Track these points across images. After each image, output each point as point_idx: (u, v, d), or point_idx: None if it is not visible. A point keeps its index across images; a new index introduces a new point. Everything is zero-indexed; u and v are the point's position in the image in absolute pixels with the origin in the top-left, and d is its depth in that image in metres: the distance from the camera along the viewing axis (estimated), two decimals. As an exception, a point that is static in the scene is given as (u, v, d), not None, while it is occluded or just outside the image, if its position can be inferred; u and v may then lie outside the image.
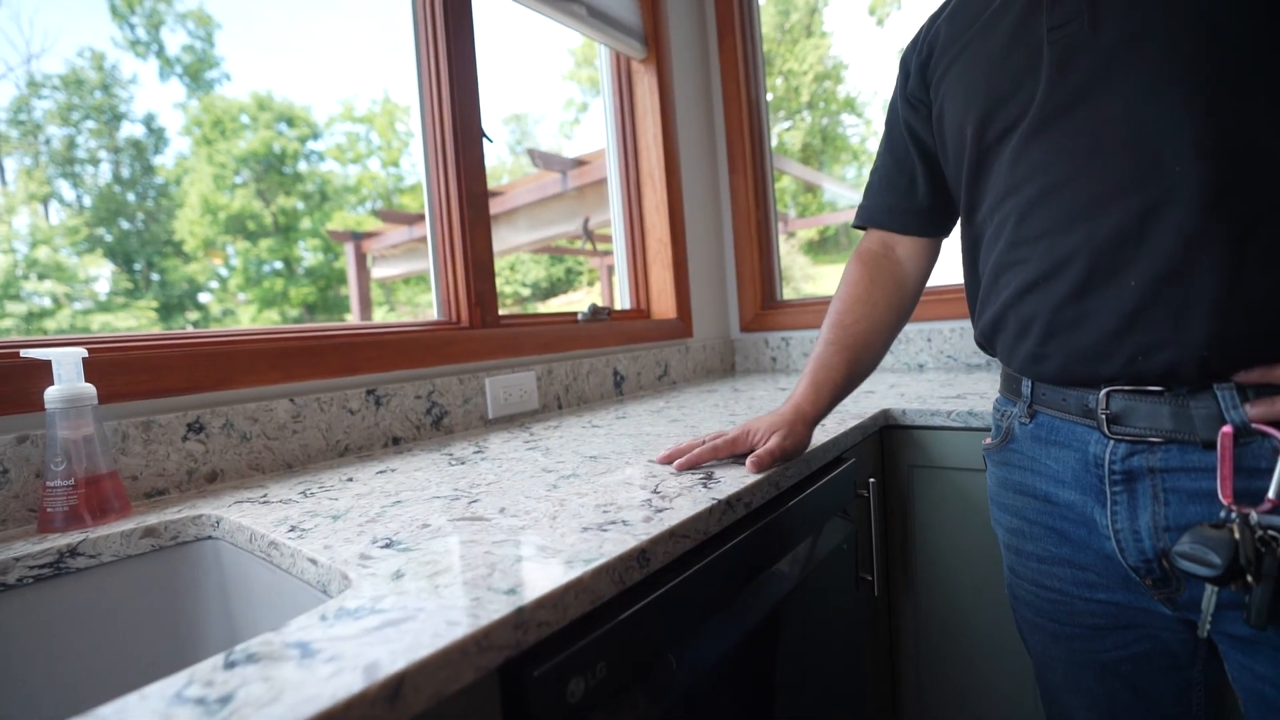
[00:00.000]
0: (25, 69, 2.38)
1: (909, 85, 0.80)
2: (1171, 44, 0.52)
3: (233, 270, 8.90)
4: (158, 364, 0.81)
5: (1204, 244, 0.51)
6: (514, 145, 6.58)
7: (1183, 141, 0.51)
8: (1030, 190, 0.61)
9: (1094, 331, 0.57)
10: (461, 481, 0.76)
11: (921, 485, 1.06)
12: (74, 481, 0.67)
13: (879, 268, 0.84)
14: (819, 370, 0.80)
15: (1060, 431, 0.64)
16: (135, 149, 5.68)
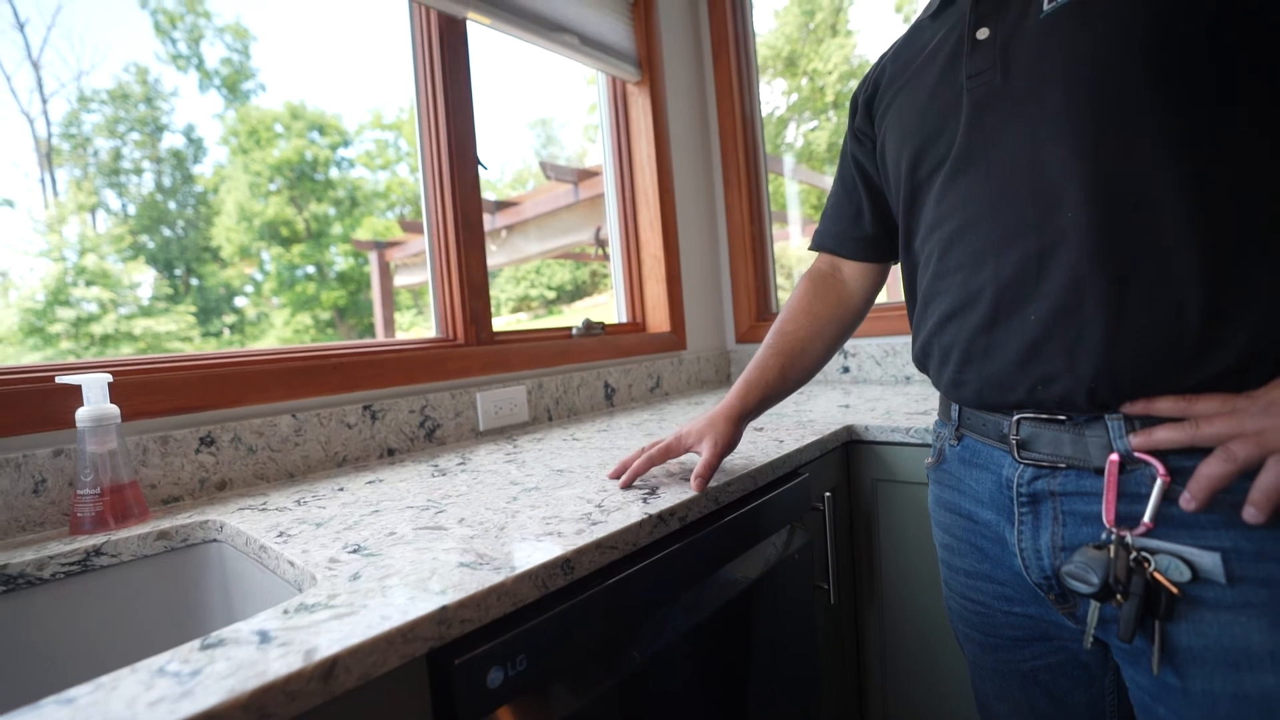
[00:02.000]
0: (76, 85, 2.54)
1: (856, 120, 0.86)
2: (1069, 94, 0.56)
3: (267, 275, 9.07)
4: (174, 385, 0.91)
5: (1091, 286, 0.55)
6: (539, 149, 6.66)
7: (1075, 189, 0.56)
8: (950, 226, 0.66)
9: (1000, 361, 0.62)
10: (436, 493, 0.84)
11: (885, 499, 1.11)
12: (100, 490, 0.78)
13: (824, 284, 0.91)
14: (753, 370, 0.87)
15: (980, 454, 0.69)
16: (176, 159, 5.83)
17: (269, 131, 9.78)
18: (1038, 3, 0.60)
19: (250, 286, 6.51)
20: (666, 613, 0.71)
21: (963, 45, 0.65)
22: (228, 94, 7.13)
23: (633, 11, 1.78)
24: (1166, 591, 0.54)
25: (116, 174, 4.50)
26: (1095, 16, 0.55)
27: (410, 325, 10.62)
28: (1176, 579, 0.54)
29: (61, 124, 2.95)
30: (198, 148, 6.34)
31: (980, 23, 0.64)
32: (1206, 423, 0.51)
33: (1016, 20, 0.61)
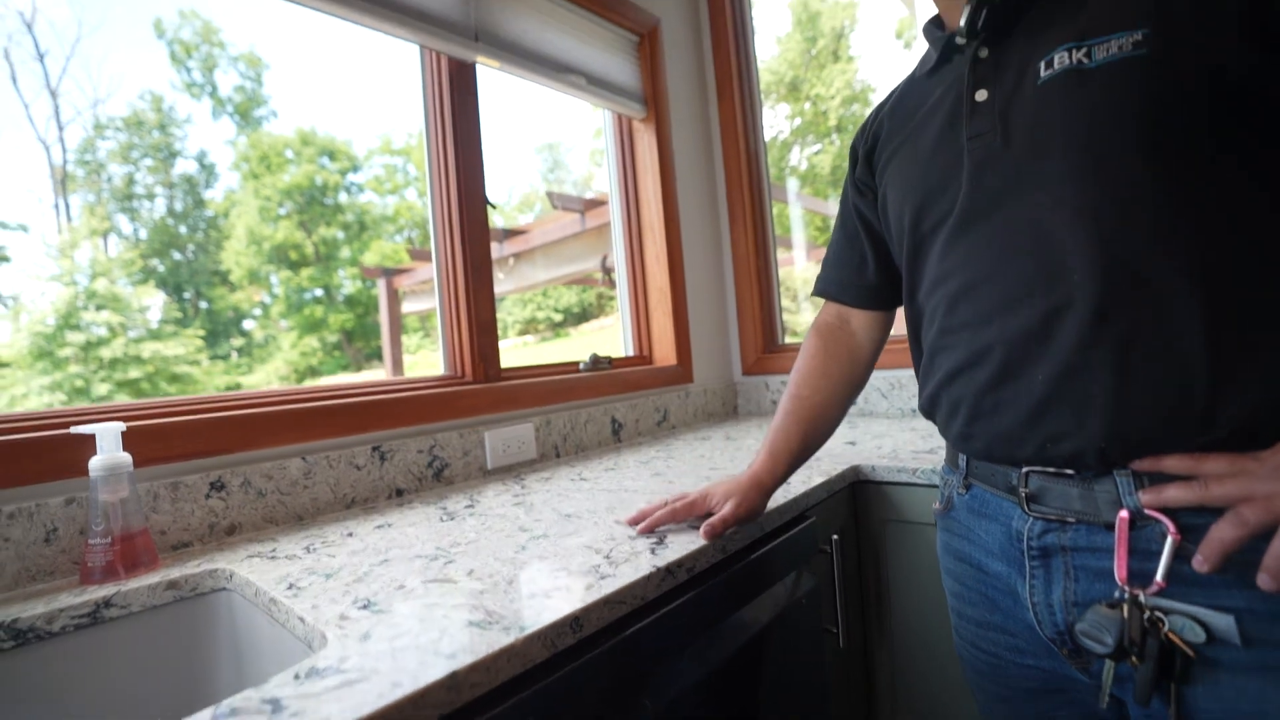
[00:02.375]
0: (92, 113, 2.60)
1: (857, 170, 0.87)
2: (1066, 169, 0.58)
3: (275, 298, 9.13)
4: (186, 431, 0.92)
5: (1097, 348, 0.56)
6: (546, 174, 6.73)
7: (1079, 255, 0.57)
8: (956, 283, 0.67)
9: (1009, 419, 0.63)
10: (445, 539, 0.84)
11: (894, 539, 1.11)
12: (111, 540, 0.78)
13: (835, 339, 0.91)
14: (777, 440, 0.87)
15: (990, 505, 0.69)
16: (188, 184, 5.92)
17: (280, 157, 9.90)
18: (1034, 69, 0.61)
19: (258, 309, 6.52)
20: (676, 663, 0.70)
21: (962, 106, 0.67)
22: (240, 120, 7.17)
23: (638, 50, 1.82)
24: (1182, 653, 0.53)
25: (129, 199, 4.56)
26: (1091, 87, 0.57)
27: (417, 348, 10.60)
28: (1192, 640, 0.53)
29: (77, 151, 3.01)
30: (209, 173, 6.39)
31: (979, 85, 0.65)
32: (1216, 483, 0.51)
33: (1014, 85, 0.62)
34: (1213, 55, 0.52)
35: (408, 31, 1.26)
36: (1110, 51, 0.56)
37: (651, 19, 1.82)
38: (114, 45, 2.14)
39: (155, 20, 3.52)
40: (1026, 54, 0.62)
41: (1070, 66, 0.58)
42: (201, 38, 5.82)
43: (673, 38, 1.91)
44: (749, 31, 2.05)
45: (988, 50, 0.66)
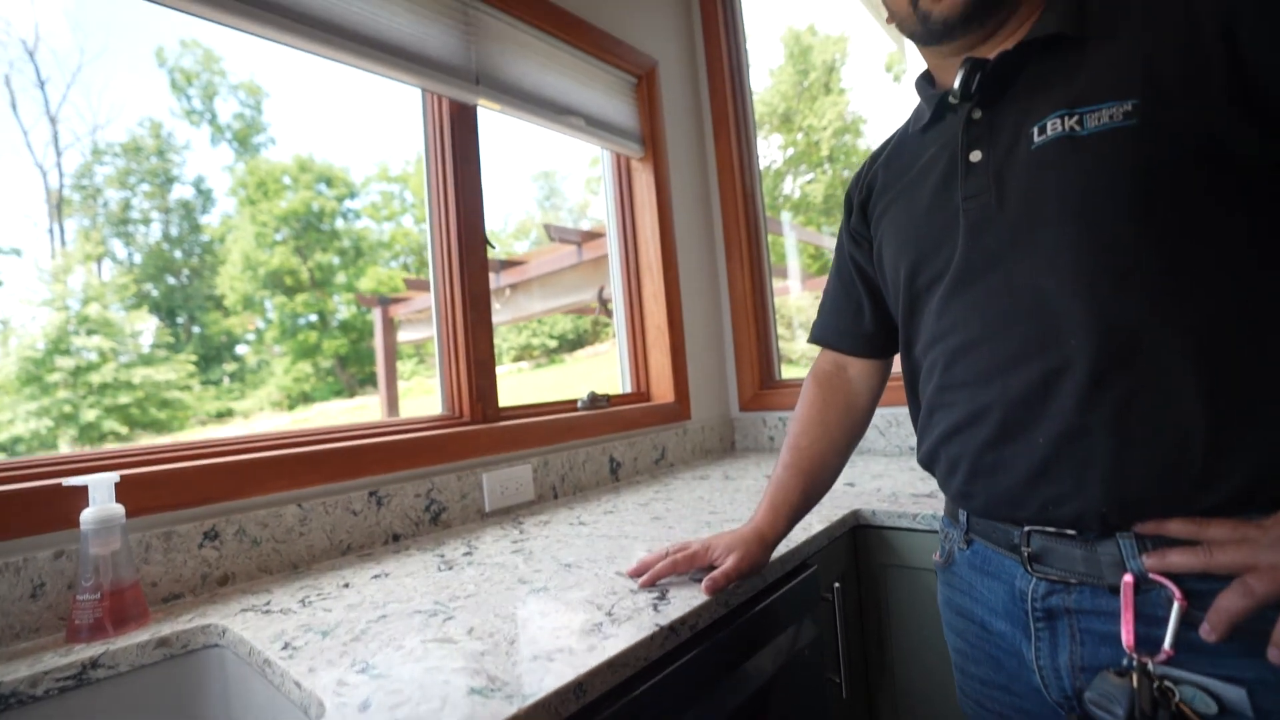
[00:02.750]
0: (91, 138, 2.62)
1: (852, 220, 0.88)
2: (1061, 234, 0.59)
3: (269, 323, 9.11)
4: (180, 479, 0.90)
5: (1097, 412, 0.56)
6: (542, 201, 6.78)
7: (1074, 319, 0.57)
8: (954, 341, 0.68)
9: (1010, 479, 0.63)
10: (443, 592, 0.83)
11: (895, 585, 1.09)
12: (100, 595, 0.76)
13: (832, 388, 0.91)
14: (777, 493, 0.86)
15: (992, 563, 0.69)
16: (184, 209, 5.94)
17: (277, 183, 9.93)
18: (1028, 134, 0.62)
19: (252, 334, 6.51)
20: (680, 727, 0.69)
21: (956, 165, 0.68)
22: (238, 147, 7.27)
23: (636, 91, 1.85)
24: None
25: (125, 224, 4.57)
26: (1084, 154, 0.57)
27: (411, 374, 10.49)
28: (1203, 711, 0.53)
29: (74, 176, 3.01)
30: (206, 198, 6.43)
31: (972, 146, 0.66)
32: (1220, 550, 0.51)
33: (1008, 147, 0.63)
34: (1201, 124, 0.54)
35: (410, 76, 1.27)
36: (1101, 120, 0.57)
37: (649, 61, 1.85)
38: (115, 73, 2.16)
39: (157, 49, 3.54)
40: (1019, 118, 0.63)
41: (1063, 133, 0.59)
42: (203, 66, 5.84)
43: (670, 78, 1.95)
44: (744, 71, 2.10)
45: (981, 111, 0.67)
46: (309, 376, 7.03)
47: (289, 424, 6.93)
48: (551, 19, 1.55)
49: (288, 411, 7.02)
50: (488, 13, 1.44)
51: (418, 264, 7.24)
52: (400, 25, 1.27)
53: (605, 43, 1.70)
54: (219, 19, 1.03)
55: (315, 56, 1.16)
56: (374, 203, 7.09)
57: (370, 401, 7.48)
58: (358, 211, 6.46)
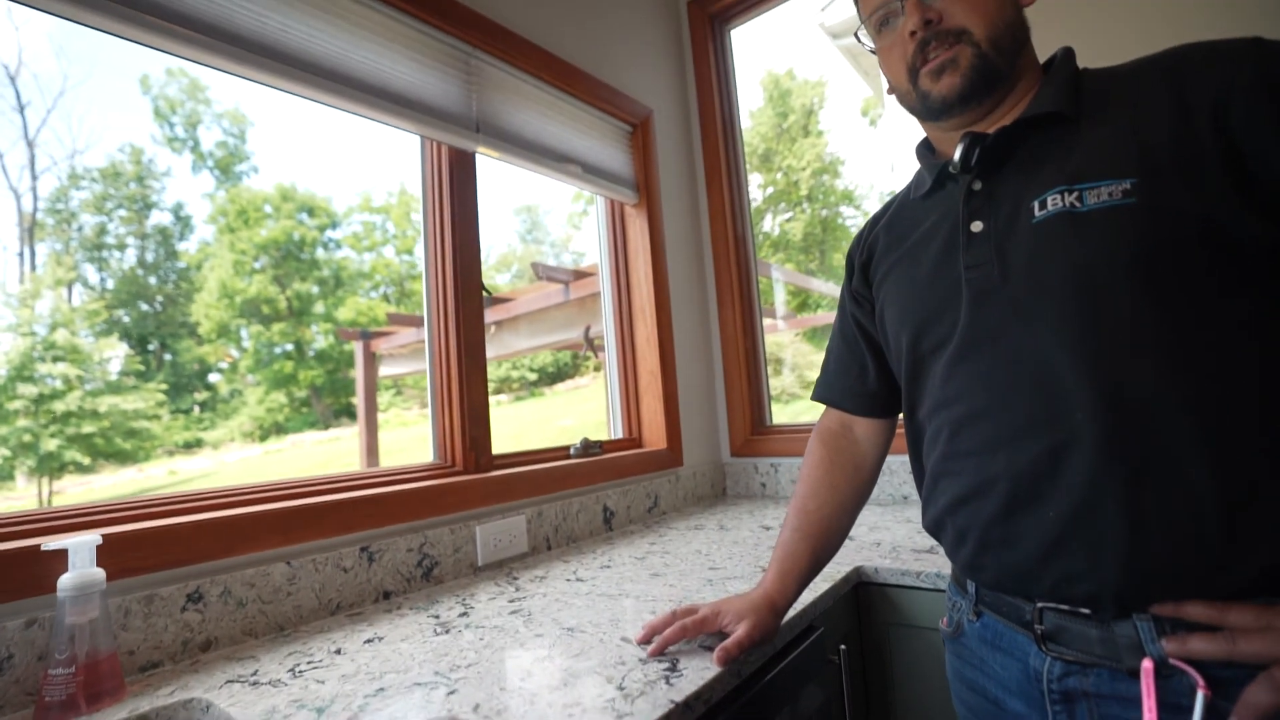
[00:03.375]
0: (69, 163, 2.58)
1: (854, 281, 0.89)
2: (1064, 306, 0.59)
3: (244, 352, 8.94)
4: (165, 537, 0.86)
5: (1108, 489, 0.56)
6: (524, 235, 6.80)
7: (1081, 392, 0.57)
8: (959, 409, 0.67)
9: (1021, 553, 0.62)
10: (443, 660, 0.79)
11: (899, 644, 1.08)
12: (74, 668, 0.71)
13: (838, 449, 0.90)
14: (786, 559, 0.84)
15: (1004, 638, 0.67)
16: (162, 236, 5.86)
17: (258, 212, 9.85)
18: (1028, 207, 0.63)
19: (225, 364, 6.38)
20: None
21: (958, 235, 0.68)
22: (220, 175, 7.23)
23: (631, 140, 1.88)
24: None
25: (99, 249, 4.49)
26: (1084, 231, 0.58)
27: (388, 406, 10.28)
28: None
29: (49, 200, 2.94)
30: (185, 225, 6.37)
31: (973, 216, 0.67)
32: (1244, 638, 0.51)
33: (1009, 220, 0.64)
34: (1198, 205, 0.55)
35: (412, 124, 1.28)
36: (1101, 197, 0.58)
37: (644, 110, 1.89)
38: (98, 99, 2.14)
39: (142, 76, 3.50)
40: (1019, 190, 0.64)
41: (1063, 209, 0.60)
42: (187, 94, 5.83)
43: (664, 127, 1.98)
44: (735, 119, 2.14)
45: (981, 183, 0.68)
46: (283, 407, 6.78)
47: (260, 454, 6.66)
48: (550, 69, 1.58)
49: (259, 443, 6.82)
50: (488, 62, 1.46)
51: (398, 295, 7.08)
52: (403, 73, 1.28)
53: (603, 92, 1.73)
54: (228, 68, 1.03)
55: (321, 105, 1.16)
56: (356, 233, 6.86)
57: (346, 433, 7.32)
58: (339, 241, 6.28)
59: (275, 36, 1.07)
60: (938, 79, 0.69)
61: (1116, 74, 0.64)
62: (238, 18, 1.03)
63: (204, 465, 5.92)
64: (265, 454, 7.10)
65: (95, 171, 3.71)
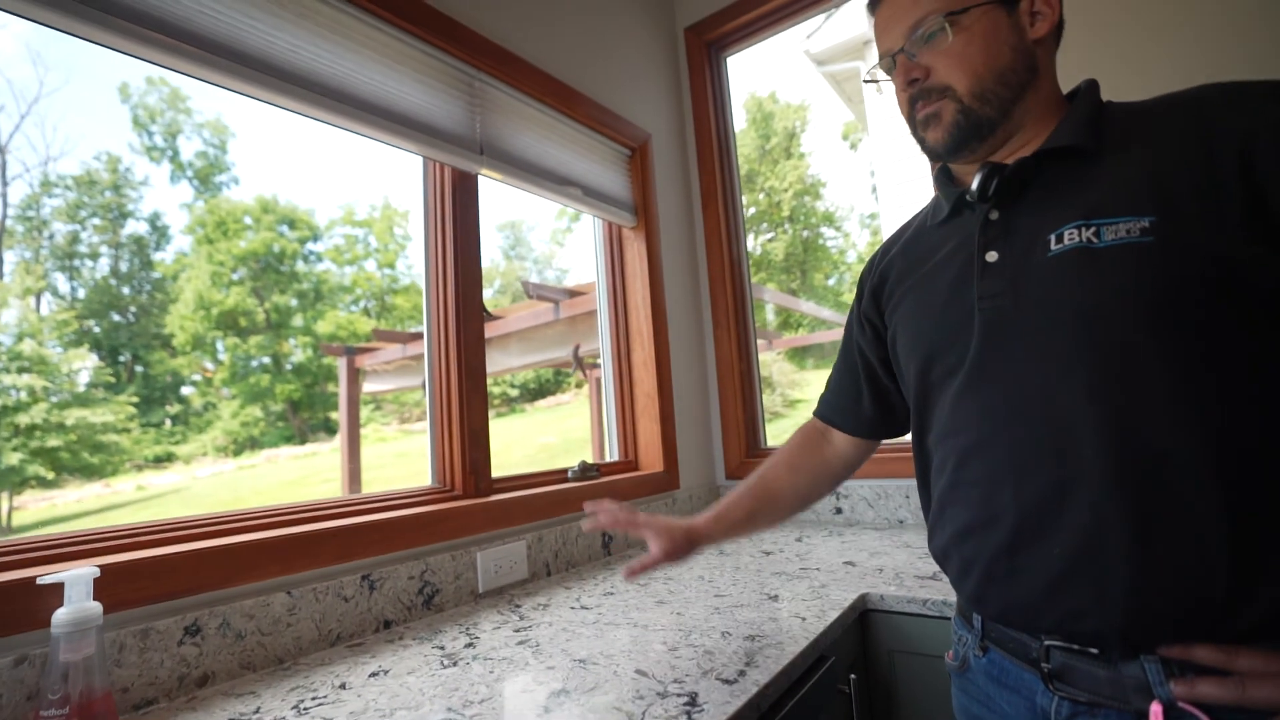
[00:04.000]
0: (41, 170, 2.53)
1: (863, 305, 0.89)
2: (1076, 341, 0.59)
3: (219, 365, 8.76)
4: (162, 567, 0.83)
5: (1114, 527, 0.55)
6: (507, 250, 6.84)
7: (1090, 431, 0.57)
8: (966, 439, 0.68)
9: (1026, 588, 0.61)
10: (454, 696, 0.77)
11: (904, 672, 1.08)
12: (68, 709, 0.68)
13: (812, 440, 0.97)
14: (725, 505, 0.93)
15: (1010, 675, 0.66)
16: (137, 245, 5.73)
17: (238, 223, 9.68)
18: (1044, 240, 0.63)
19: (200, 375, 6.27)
20: None
21: (973, 264, 0.69)
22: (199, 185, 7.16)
23: (629, 163, 1.89)
24: None
25: (71, 258, 4.41)
26: (1101, 266, 0.58)
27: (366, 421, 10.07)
28: None
29: (19, 206, 2.88)
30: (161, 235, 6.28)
31: (989, 246, 0.68)
32: (1254, 684, 0.51)
33: (1025, 251, 0.64)
34: (1217, 245, 0.54)
35: (416, 145, 1.27)
36: (1118, 234, 0.58)
37: (643, 134, 1.90)
38: (74, 106, 2.10)
39: (121, 84, 3.46)
40: (1036, 222, 0.64)
41: (1080, 244, 0.60)
42: (168, 104, 5.75)
43: (661, 151, 2.00)
44: (731, 144, 2.17)
45: (998, 213, 0.68)
46: (258, 421, 6.64)
47: (234, 469, 6.52)
48: (553, 92, 1.59)
49: (233, 457, 6.62)
50: (492, 85, 1.46)
51: (379, 309, 6.98)
52: (408, 95, 1.27)
53: (603, 116, 1.74)
54: (235, 86, 1.01)
55: (327, 125, 1.15)
56: (337, 246, 6.83)
57: (323, 449, 7.14)
58: (320, 254, 6.24)
59: (283, 56, 1.07)
60: (926, 130, 0.73)
61: (1141, 109, 0.64)
62: (246, 37, 1.02)
63: (174, 480, 5.70)
64: (239, 469, 6.89)
65: (69, 179, 3.59)
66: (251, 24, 1.03)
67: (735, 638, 0.91)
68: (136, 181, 4.59)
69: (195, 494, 7.82)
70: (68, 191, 3.80)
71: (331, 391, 9.25)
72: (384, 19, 1.23)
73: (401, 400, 8.51)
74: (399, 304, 11.21)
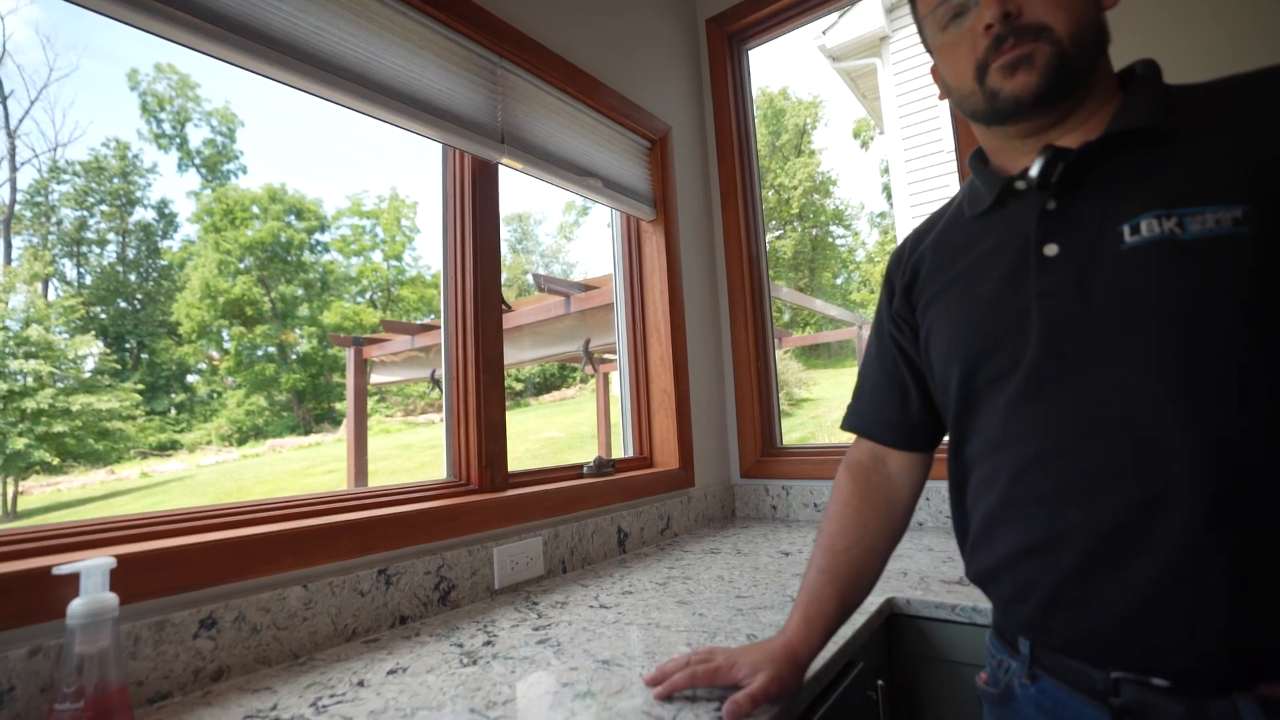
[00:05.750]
0: (50, 156, 2.57)
1: (894, 303, 0.81)
2: (1161, 344, 0.54)
3: (225, 354, 8.89)
4: (180, 558, 0.81)
5: (1211, 551, 0.50)
6: (514, 244, 6.85)
7: (1179, 441, 0.52)
8: (1026, 450, 0.62)
9: (1101, 618, 0.56)
10: (476, 696, 0.75)
11: (932, 680, 1.05)
12: (83, 703, 0.66)
13: (870, 483, 0.82)
14: (811, 604, 0.76)
15: (1068, 709, 0.61)
16: (144, 232, 5.81)
17: (245, 212, 9.81)
18: (1115, 232, 0.57)
19: (205, 364, 6.31)
20: None
21: (1028, 258, 0.63)
22: (207, 174, 7.20)
23: (649, 156, 1.86)
24: None
25: (78, 244, 4.48)
26: (1189, 260, 0.53)
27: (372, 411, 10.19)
28: None
29: (28, 192, 2.88)
30: (169, 223, 6.31)
31: (1047, 238, 0.62)
32: None
33: (1091, 243, 0.59)
34: None
35: (437, 131, 1.25)
36: (1207, 225, 0.53)
37: (663, 126, 1.87)
38: (84, 92, 2.10)
39: (130, 71, 3.49)
40: (1103, 212, 0.59)
41: (1163, 235, 0.55)
42: (176, 91, 5.79)
43: (681, 144, 1.97)
44: (752, 138, 2.14)
45: (1055, 202, 0.63)
46: (263, 410, 6.80)
47: (238, 458, 6.60)
48: (575, 81, 1.56)
49: (237, 446, 6.73)
50: (515, 72, 1.43)
51: (385, 300, 7.12)
52: (431, 81, 1.25)
53: (624, 107, 1.71)
54: (258, 69, 0.99)
55: (349, 110, 1.13)
56: (344, 236, 6.91)
57: (327, 439, 7.25)
58: (327, 245, 6.29)
59: (307, 38, 1.04)
60: (1012, 75, 0.63)
61: (1208, 90, 0.60)
62: (271, 18, 1.00)
63: (178, 468, 5.82)
64: (243, 458, 6.99)
65: (78, 165, 3.64)
66: (277, 5, 1.01)
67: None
68: (144, 169, 4.60)
69: (199, 482, 7.77)
70: (76, 178, 3.82)
71: (336, 382, 9.28)
72: (408, 2, 1.20)
73: (405, 392, 8.48)
74: (405, 295, 11.21)
